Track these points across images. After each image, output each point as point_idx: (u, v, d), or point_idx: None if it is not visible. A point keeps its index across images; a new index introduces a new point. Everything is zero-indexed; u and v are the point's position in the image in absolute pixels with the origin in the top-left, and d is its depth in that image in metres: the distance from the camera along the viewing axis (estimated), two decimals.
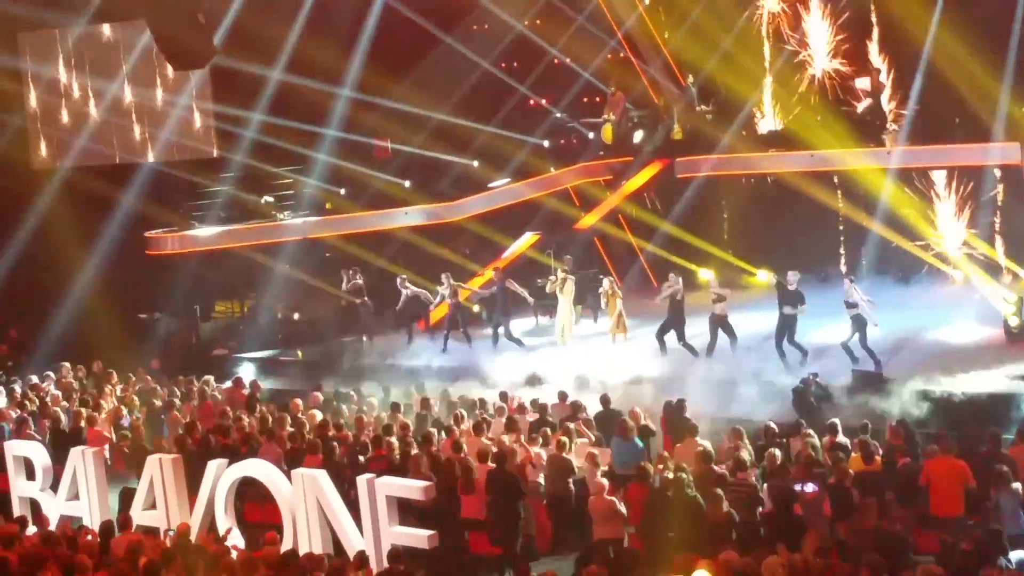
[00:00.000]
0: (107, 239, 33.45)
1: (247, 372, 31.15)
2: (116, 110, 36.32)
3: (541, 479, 20.04)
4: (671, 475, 18.18)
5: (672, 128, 34.92)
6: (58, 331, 31.64)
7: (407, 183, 35.38)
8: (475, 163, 35.38)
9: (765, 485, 18.20)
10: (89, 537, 18.31)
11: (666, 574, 13.81)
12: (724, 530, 16.98)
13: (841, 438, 19.89)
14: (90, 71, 36.28)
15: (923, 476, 17.89)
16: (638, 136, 35.65)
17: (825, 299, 27.28)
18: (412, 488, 18.62)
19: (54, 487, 21.63)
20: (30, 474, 22.02)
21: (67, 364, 29.85)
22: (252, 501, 20.24)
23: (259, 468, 19.75)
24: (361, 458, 21.01)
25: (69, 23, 35.54)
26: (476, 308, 32.67)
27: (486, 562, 18.98)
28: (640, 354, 28.31)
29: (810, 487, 17.73)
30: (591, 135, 36.11)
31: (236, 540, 18.87)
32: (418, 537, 18.06)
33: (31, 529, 19.33)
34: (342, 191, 35.83)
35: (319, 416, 23.78)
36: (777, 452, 19.21)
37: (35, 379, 29.03)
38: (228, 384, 28.36)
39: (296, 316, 34.70)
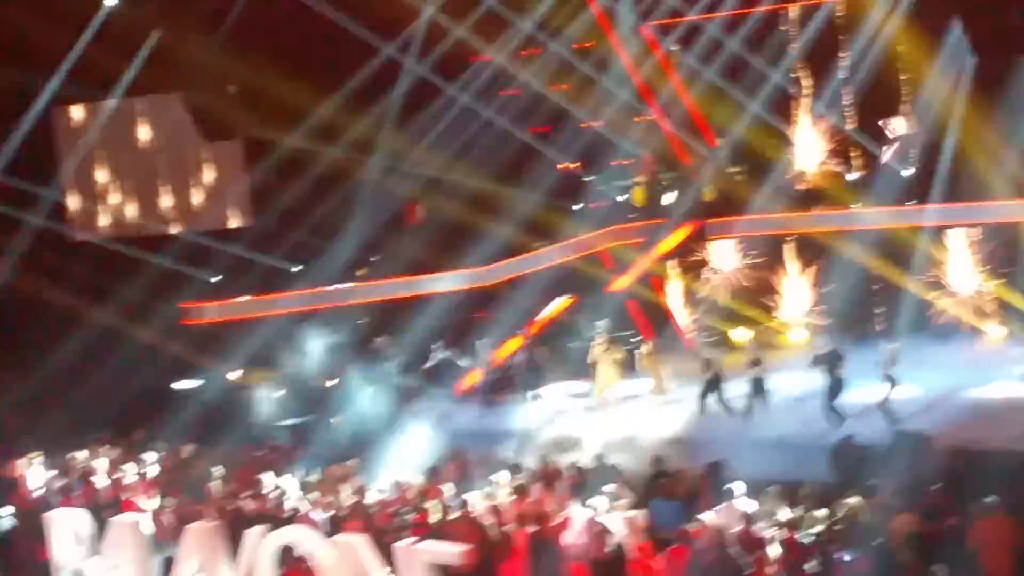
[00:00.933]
0: (144, 309, 33.61)
1: (285, 438, 31.20)
2: (151, 181, 36.63)
3: (582, 542, 19.97)
4: (711, 537, 18.13)
5: (702, 189, 35.00)
6: (98, 401, 31.72)
7: (440, 248, 35.45)
8: (508, 228, 35.46)
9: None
10: None
11: None
12: None
13: (883, 498, 19.77)
14: (125, 143, 36.59)
15: (971, 539, 17.69)
16: (668, 198, 35.71)
17: (861, 358, 27.23)
18: (450, 554, 18.61)
19: (97, 555, 21.70)
20: (73, 543, 22.11)
21: (108, 434, 29.96)
22: (293, 568, 20.22)
23: (299, 534, 19.77)
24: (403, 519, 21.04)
25: (103, 96, 35.89)
26: (511, 373, 32.66)
27: None
28: (677, 415, 28.30)
29: (847, 556, 17.61)
30: (622, 198, 36.13)
31: None
32: None
33: None
34: (375, 258, 35.96)
35: (357, 482, 23.78)
36: (819, 514, 19.13)
37: (76, 451, 29.12)
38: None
39: (331, 383, 34.73)
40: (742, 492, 19.90)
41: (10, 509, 25.37)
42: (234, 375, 35.58)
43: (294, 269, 35.81)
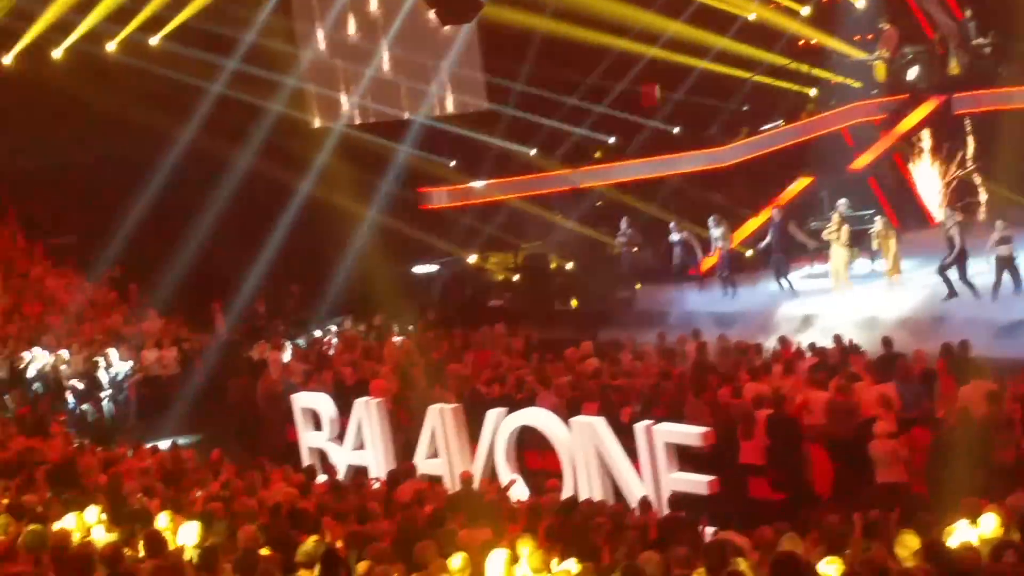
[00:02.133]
0: (382, 194, 34.05)
1: (521, 322, 31.46)
2: (387, 67, 36.93)
3: (821, 423, 19.78)
4: (957, 418, 17.79)
5: (948, 63, 33.95)
6: (339, 286, 32.34)
7: (676, 129, 35.16)
8: (745, 107, 34.98)
9: None
10: (376, 485, 18.78)
11: (952, 518, 13.52)
12: (1014, 473, 16.56)
13: None
14: (360, 30, 36.92)
15: None
16: (912, 73, 34.70)
17: None
18: (691, 435, 18.59)
19: (340, 437, 22.23)
20: (317, 425, 22.68)
21: (349, 318, 30.52)
22: (532, 449, 20.43)
23: (537, 416, 19.95)
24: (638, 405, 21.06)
25: None
26: (749, 253, 32.39)
27: (767, 507, 18.86)
28: (918, 295, 27.71)
29: None
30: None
31: (518, 489, 19.14)
32: (698, 483, 18.04)
33: (320, 478, 19.89)
34: (611, 140, 35.86)
35: (596, 364, 23.83)
36: None
37: (319, 333, 29.76)
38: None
39: (569, 266, 34.89)
40: (984, 372, 19.47)
41: None
42: (472, 259, 35.96)
43: (530, 152, 35.89)
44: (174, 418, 27.50)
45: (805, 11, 34.75)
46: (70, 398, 27.49)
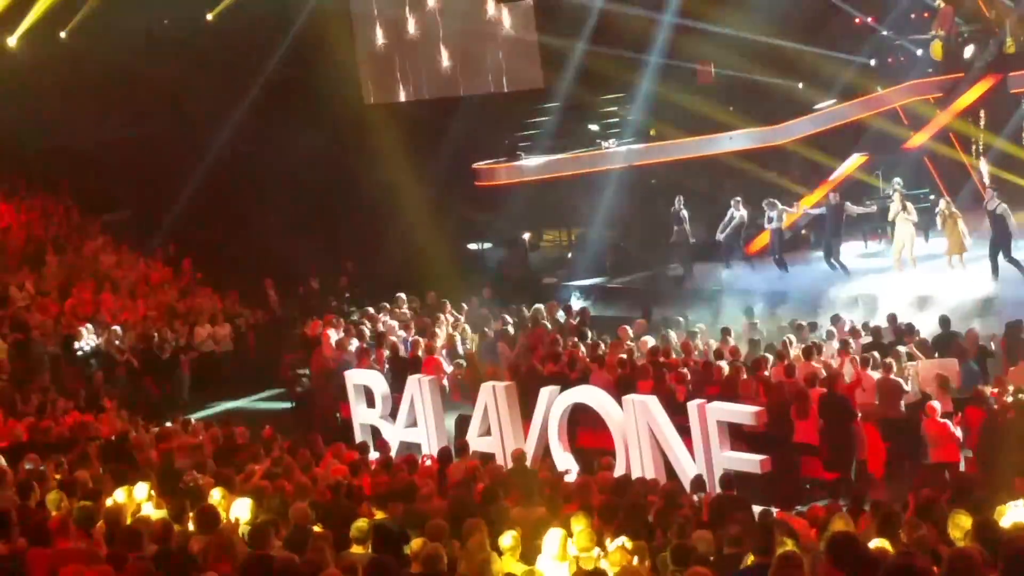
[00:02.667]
0: (437, 171, 34.01)
1: (575, 300, 31.41)
2: (442, 44, 36.85)
3: (874, 402, 19.69)
4: (1010, 398, 17.67)
5: (1005, 42, 33.64)
6: (393, 263, 32.40)
7: (731, 107, 35.00)
8: (800, 85, 34.77)
9: None
10: (428, 463, 18.81)
11: (1004, 498, 13.44)
12: None
13: None
14: (415, 7, 36.85)
15: None
16: (969, 51, 34.42)
17: None
18: (744, 413, 18.55)
19: (393, 414, 22.28)
20: (370, 402, 22.73)
21: (402, 295, 30.56)
22: (585, 427, 20.43)
23: (590, 394, 19.94)
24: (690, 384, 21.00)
25: None
26: (803, 232, 32.21)
27: (820, 486, 18.83)
28: (975, 275, 27.48)
29: None
30: (919, 52, 35.05)
31: (569, 466, 19.14)
32: (750, 462, 18.00)
33: (373, 455, 19.94)
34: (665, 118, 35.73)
35: (650, 342, 23.77)
36: None
37: (372, 310, 29.82)
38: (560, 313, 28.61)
39: (623, 244, 34.79)
40: None
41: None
42: (526, 236, 35.93)
43: (585, 130, 35.81)
44: (227, 394, 27.69)
45: None
46: (123, 374, 27.63)
